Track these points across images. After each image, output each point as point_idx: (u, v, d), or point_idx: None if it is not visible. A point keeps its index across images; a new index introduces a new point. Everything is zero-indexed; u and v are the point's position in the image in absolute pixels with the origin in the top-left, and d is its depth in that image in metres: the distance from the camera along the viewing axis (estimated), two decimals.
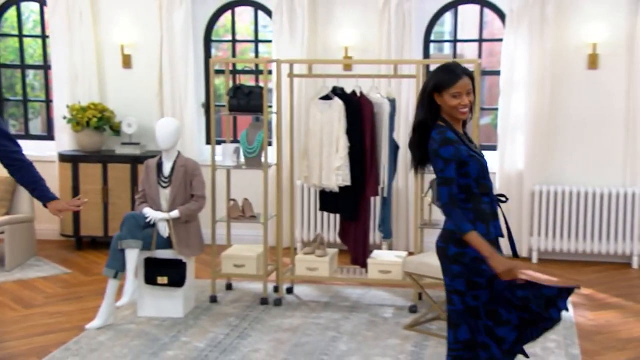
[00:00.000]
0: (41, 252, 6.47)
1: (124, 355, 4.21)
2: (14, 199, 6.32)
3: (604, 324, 4.77)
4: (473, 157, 2.92)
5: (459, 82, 2.90)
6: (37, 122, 8.22)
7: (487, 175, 2.98)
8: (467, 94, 2.92)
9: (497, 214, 2.99)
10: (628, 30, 5.94)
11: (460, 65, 3.00)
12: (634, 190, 5.96)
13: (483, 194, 2.96)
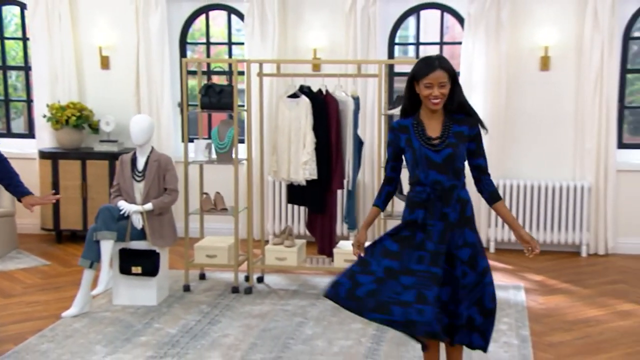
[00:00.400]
0: (22, 245, 6.41)
1: (97, 341, 4.18)
2: None
3: (553, 307, 4.85)
4: (410, 147, 3.05)
5: (431, 74, 2.94)
6: (19, 122, 8.12)
7: (422, 167, 3.04)
8: (440, 86, 2.95)
9: (427, 204, 3.04)
10: (576, 34, 6.03)
11: (440, 59, 3.01)
12: (582, 183, 6.05)
13: (415, 183, 3.10)
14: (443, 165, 3.01)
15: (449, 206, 3.04)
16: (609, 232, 6.12)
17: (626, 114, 6.34)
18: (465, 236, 3.08)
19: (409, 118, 3.10)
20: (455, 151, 3.01)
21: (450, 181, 3.04)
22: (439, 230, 3.03)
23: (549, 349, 4.12)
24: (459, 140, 3.03)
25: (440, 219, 3.04)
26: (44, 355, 3.98)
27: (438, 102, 2.98)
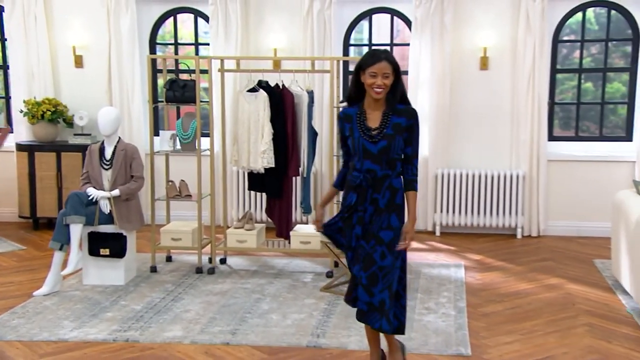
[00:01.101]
0: (1, 232, 6.29)
1: (66, 317, 4.11)
2: None
3: (489, 282, 4.91)
4: (351, 136, 3.04)
5: (376, 64, 2.92)
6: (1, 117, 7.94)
7: (359, 156, 3.03)
8: (383, 76, 2.92)
9: (359, 190, 3.05)
10: (511, 37, 6.10)
11: (386, 52, 3.00)
12: (518, 172, 6.13)
13: (353, 169, 3.09)
14: (378, 156, 3.00)
15: (379, 193, 3.04)
16: (541, 216, 6.22)
17: (556, 109, 6.44)
18: (390, 220, 3.06)
19: (354, 107, 3.08)
20: (391, 143, 2.99)
21: (384, 171, 3.03)
22: (370, 214, 3.06)
23: (482, 318, 4.17)
24: (396, 131, 2.99)
25: (371, 204, 3.05)
26: (13, 330, 3.91)
27: (380, 91, 2.94)
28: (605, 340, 3.84)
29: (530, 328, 4.03)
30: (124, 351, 3.65)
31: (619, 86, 6.41)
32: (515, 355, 3.64)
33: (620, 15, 6.19)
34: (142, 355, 3.60)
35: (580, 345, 3.77)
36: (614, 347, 3.76)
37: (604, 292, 4.70)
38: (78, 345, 3.73)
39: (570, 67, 6.37)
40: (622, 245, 4.54)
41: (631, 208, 4.42)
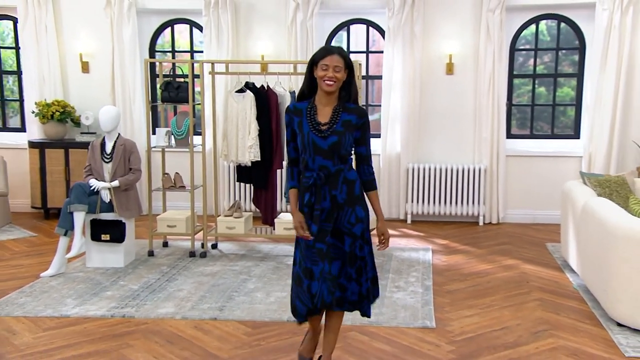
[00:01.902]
0: (15, 221, 6.17)
1: (69, 295, 4.01)
2: None
3: (453, 263, 4.86)
4: (300, 131, 2.67)
5: (328, 57, 2.61)
6: (16, 119, 7.79)
7: (309, 152, 2.65)
8: (335, 69, 2.59)
9: (314, 188, 2.65)
10: (473, 45, 6.05)
11: (340, 48, 2.69)
12: (480, 166, 6.09)
13: (305, 168, 2.70)
14: (328, 151, 2.64)
15: (337, 189, 2.68)
16: (500, 205, 6.18)
17: (514, 111, 6.40)
18: (357, 213, 2.73)
19: (304, 102, 2.72)
20: (341, 139, 2.64)
21: (336, 166, 2.67)
22: (327, 210, 2.69)
23: (447, 295, 4.12)
24: (346, 128, 2.65)
25: (331, 201, 2.68)
26: (20, 307, 3.80)
27: (332, 84, 2.60)
28: (554, 313, 3.81)
29: (489, 303, 3.98)
30: (120, 326, 3.56)
31: (568, 90, 6.39)
32: (474, 327, 3.59)
33: (569, 27, 6.17)
34: (137, 329, 3.51)
35: (531, 318, 3.73)
36: (562, 318, 3.72)
37: (554, 271, 4.66)
38: (79, 320, 3.63)
39: (526, 73, 6.34)
40: (570, 229, 4.51)
41: (577, 196, 4.40)
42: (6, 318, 3.66)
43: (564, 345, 3.34)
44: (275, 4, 6.11)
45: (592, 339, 3.41)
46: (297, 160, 2.77)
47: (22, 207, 6.55)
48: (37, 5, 6.27)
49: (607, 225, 3.58)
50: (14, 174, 6.50)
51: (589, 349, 3.29)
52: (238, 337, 3.41)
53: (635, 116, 5.94)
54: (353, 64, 2.69)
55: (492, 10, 5.89)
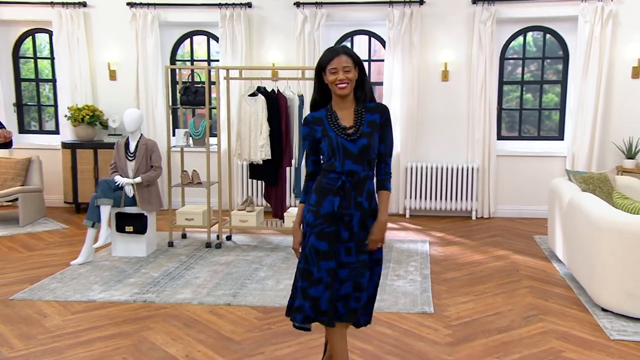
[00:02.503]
0: (49, 214, 6.11)
1: (96, 282, 3.92)
2: (27, 175, 5.94)
3: (449, 254, 4.73)
4: (326, 137, 2.27)
5: (335, 59, 2.23)
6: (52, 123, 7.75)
7: (339, 157, 2.26)
8: (344, 70, 2.22)
9: (339, 192, 2.27)
10: (467, 54, 5.93)
11: (344, 47, 2.31)
12: (472, 165, 5.96)
13: (330, 171, 2.29)
14: (359, 155, 2.27)
15: (362, 196, 2.30)
16: (491, 201, 6.05)
17: (503, 115, 6.26)
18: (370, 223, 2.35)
19: (321, 110, 2.33)
20: (370, 141, 2.27)
21: (365, 171, 2.29)
22: (358, 219, 2.29)
23: (444, 283, 4.00)
24: (373, 129, 2.29)
25: (356, 208, 2.29)
26: (51, 292, 3.72)
27: (345, 86, 2.23)
28: (543, 299, 3.68)
29: (483, 290, 3.86)
30: (142, 310, 3.46)
31: (552, 96, 6.26)
32: (469, 312, 3.47)
33: (554, 38, 6.04)
34: (157, 313, 3.41)
35: (522, 304, 3.61)
36: (550, 304, 3.60)
37: (541, 261, 4.53)
38: (104, 304, 3.54)
39: (514, 80, 6.20)
40: (557, 222, 4.39)
41: (564, 192, 4.28)
42: (38, 302, 3.57)
43: (553, 329, 3.22)
44: (285, 16, 6.01)
45: (579, 323, 3.29)
46: (315, 174, 2.40)
47: (56, 202, 6.49)
48: (70, 19, 6.21)
49: (593, 218, 3.46)
50: (49, 172, 6.44)
51: (577, 332, 3.17)
52: (250, 321, 3.31)
53: (614, 119, 5.81)
54: (360, 60, 2.31)
55: (483, 22, 5.77)
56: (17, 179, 5.81)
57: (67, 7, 6.20)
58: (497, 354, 2.92)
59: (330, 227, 2.26)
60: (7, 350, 2.93)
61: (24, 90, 6.78)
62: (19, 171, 5.85)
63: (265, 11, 6.05)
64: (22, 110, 6.76)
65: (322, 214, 2.27)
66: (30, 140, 6.69)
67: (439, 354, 2.91)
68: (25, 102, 6.78)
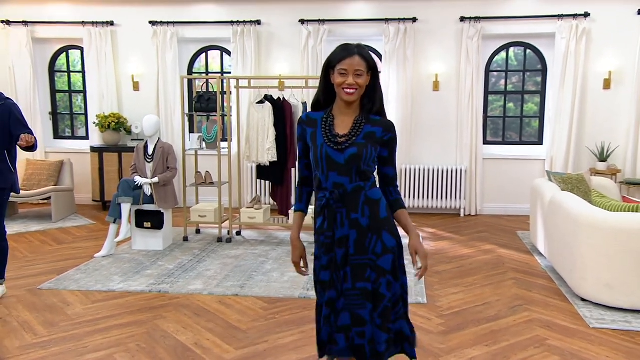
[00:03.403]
0: (79, 211, 5.96)
1: (116, 273, 3.76)
2: (60, 176, 5.80)
3: (440, 248, 4.54)
4: (313, 144, 1.79)
5: (347, 59, 1.73)
6: (83, 130, 7.62)
7: (322, 168, 1.76)
8: (355, 74, 1.72)
9: (328, 211, 1.77)
10: (455, 66, 5.74)
11: (359, 47, 1.77)
12: (461, 167, 5.77)
13: (318, 187, 1.81)
14: (345, 166, 1.75)
15: (357, 211, 1.77)
16: (478, 200, 5.85)
17: (488, 122, 6.06)
18: (384, 241, 1.78)
19: (320, 111, 1.85)
20: (361, 152, 1.75)
21: (354, 183, 1.77)
22: (354, 240, 1.77)
23: (436, 275, 3.81)
24: (368, 141, 1.77)
25: (351, 227, 1.77)
26: (76, 282, 3.56)
27: (353, 92, 1.73)
28: (527, 290, 3.49)
29: (472, 282, 3.67)
30: (156, 300, 3.30)
31: (532, 106, 6.07)
32: (460, 302, 3.29)
33: (533, 53, 5.85)
34: (170, 303, 3.25)
35: (508, 295, 3.42)
36: (534, 295, 3.41)
37: (525, 254, 4.34)
38: (122, 294, 3.38)
39: (498, 90, 6.01)
40: (539, 219, 4.20)
41: (545, 191, 4.09)
42: (63, 291, 3.42)
43: (537, 318, 3.03)
44: (291, 32, 5.85)
45: (561, 312, 3.10)
46: (308, 180, 1.92)
47: (85, 200, 6.35)
48: (99, 36, 6.08)
49: (573, 215, 3.28)
50: (79, 174, 6.30)
51: (559, 321, 2.98)
52: (256, 311, 3.14)
53: (588, 126, 5.62)
54: (375, 64, 1.79)
55: (471, 38, 5.59)
56: (50, 180, 5.68)
57: (96, 26, 6.07)
58: (487, 342, 2.73)
59: (330, 253, 1.79)
60: (31, 336, 2.78)
61: (58, 100, 6.66)
62: (52, 172, 5.73)
63: (273, 28, 5.89)
64: (56, 118, 6.64)
65: (322, 241, 1.79)
66: (63, 145, 6.57)
67: (433, 342, 2.73)
68: (59, 111, 6.66)
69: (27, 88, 6.21)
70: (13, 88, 6.20)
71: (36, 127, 6.30)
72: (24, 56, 6.15)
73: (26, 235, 4.89)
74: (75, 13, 6.12)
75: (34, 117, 6.28)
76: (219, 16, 5.93)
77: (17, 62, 6.15)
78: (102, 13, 6.09)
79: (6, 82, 6.23)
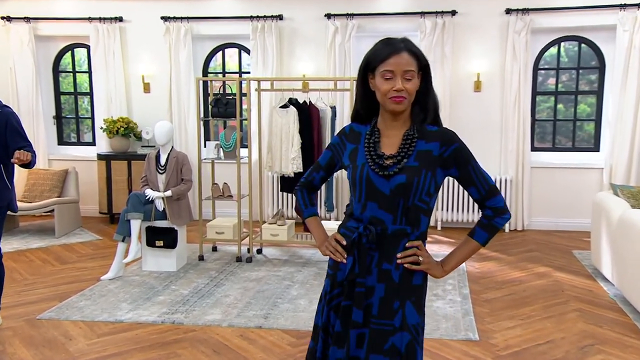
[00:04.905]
0: (85, 225, 5.79)
1: (125, 300, 3.55)
2: (64, 186, 5.65)
3: (486, 271, 4.23)
4: (353, 162, 1.51)
5: (393, 57, 1.41)
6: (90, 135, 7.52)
7: (360, 195, 1.47)
8: (405, 76, 1.41)
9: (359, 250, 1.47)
10: (500, 64, 5.43)
11: (406, 40, 1.47)
12: (506, 177, 5.44)
13: (349, 215, 1.54)
14: (390, 198, 1.45)
15: (391, 262, 1.47)
16: (525, 213, 5.51)
17: (535, 126, 5.73)
18: (406, 313, 1.46)
19: (367, 124, 1.56)
20: (411, 180, 1.44)
21: (397, 225, 1.46)
22: (380, 298, 1.46)
23: (485, 304, 3.51)
24: (422, 164, 1.46)
25: (380, 279, 1.47)
26: (79, 311, 3.36)
27: (402, 100, 1.42)
28: (596, 325, 3.17)
29: (529, 314, 3.36)
30: (169, 332, 3.07)
31: (585, 107, 5.71)
32: (518, 340, 2.98)
33: (590, 48, 5.50)
34: (185, 337, 3.02)
35: (575, 330, 3.10)
36: (606, 331, 3.08)
37: (586, 279, 4.00)
38: (132, 326, 3.16)
39: (546, 91, 5.67)
40: (604, 239, 3.86)
41: (612, 207, 3.76)
42: (65, 322, 3.22)
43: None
44: (316, 28, 5.61)
45: None
46: (309, 185, 1.68)
47: (92, 212, 6.20)
48: (107, 33, 5.94)
49: None
50: (85, 183, 6.16)
51: None
52: (282, 347, 2.89)
53: None
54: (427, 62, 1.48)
55: (517, 32, 5.27)
56: (54, 190, 5.55)
57: (103, 22, 5.93)
58: None
59: (347, 300, 1.49)
60: None
61: (63, 103, 6.54)
62: (56, 182, 5.59)
63: (296, 23, 5.67)
64: (61, 122, 6.52)
65: (340, 280, 1.50)
66: (68, 151, 6.44)
67: None
68: (64, 115, 6.54)
69: (29, 90, 6.10)
70: (14, 90, 6.10)
71: (39, 133, 6.18)
72: (25, 55, 6.05)
73: (26, 253, 4.73)
74: (81, 8, 5.99)
75: (36, 121, 6.16)
76: (236, 11, 5.73)
77: (18, 62, 6.05)
78: (110, 8, 5.95)
79: (7, 83, 6.13)
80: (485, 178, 1.52)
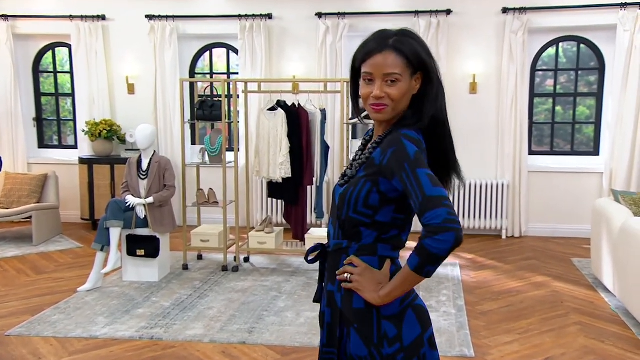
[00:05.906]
0: (65, 232, 5.63)
1: (102, 313, 3.42)
2: (43, 192, 5.51)
3: (482, 280, 4.13)
4: None
5: (372, 58, 1.21)
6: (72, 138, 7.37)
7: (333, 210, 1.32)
8: (386, 80, 1.21)
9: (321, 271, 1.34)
10: (496, 65, 5.34)
11: (401, 35, 1.24)
12: (502, 181, 5.35)
13: None
14: (334, 211, 1.31)
15: (333, 283, 1.30)
16: (522, 219, 5.41)
17: (533, 129, 5.65)
18: (351, 346, 1.27)
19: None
20: (346, 192, 1.27)
21: (336, 239, 1.30)
22: (327, 323, 1.33)
23: (481, 317, 3.40)
24: (366, 174, 1.26)
25: (327, 303, 1.33)
26: (52, 326, 3.22)
27: (382, 109, 1.22)
28: (598, 340, 3.07)
29: (527, 327, 3.26)
30: (147, 349, 2.94)
31: (584, 109, 5.64)
32: (516, 356, 2.88)
33: (589, 49, 5.43)
34: (164, 354, 2.89)
35: (575, 346, 3.00)
36: (608, 347, 2.98)
37: (586, 290, 3.91)
38: (107, 342, 3.03)
39: (544, 93, 5.59)
40: (604, 247, 3.77)
41: (613, 215, 3.67)
42: (35, 339, 3.08)
43: None
44: (306, 27, 5.50)
45: None
46: None
47: (73, 219, 6.04)
48: (89, 32, 5.80)
49: None
50: (66, 188, 6.01)
51: None
52: None
53: None
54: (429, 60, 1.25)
55: (515, 32, 5.19)
56: (32, 196, 5.39)
57: (85, 20, 5.80)
58: None
59: None
60: None
61: (44, 105, 6.39)
62: (34, 188, 5.44)
63: (286, 22, 5.56)
64: (42, 124, 6.37)
65: None
66: (49, 155, 6.29)
67: None
68: (45, 117, 6.39)
69: (8, 90, 5.96)
70: None
71: (17, 135, 6.03)
72: (3, 55, 5.90)
73: (1, 262, 4.58)
74: (62, 6, 5.85)
75: (14, 123, 6.01)
76: (224, 9, 5.61)
77: None
78: (92, 6, 5.82)
79: None
80: (422, 186, 1.15)
